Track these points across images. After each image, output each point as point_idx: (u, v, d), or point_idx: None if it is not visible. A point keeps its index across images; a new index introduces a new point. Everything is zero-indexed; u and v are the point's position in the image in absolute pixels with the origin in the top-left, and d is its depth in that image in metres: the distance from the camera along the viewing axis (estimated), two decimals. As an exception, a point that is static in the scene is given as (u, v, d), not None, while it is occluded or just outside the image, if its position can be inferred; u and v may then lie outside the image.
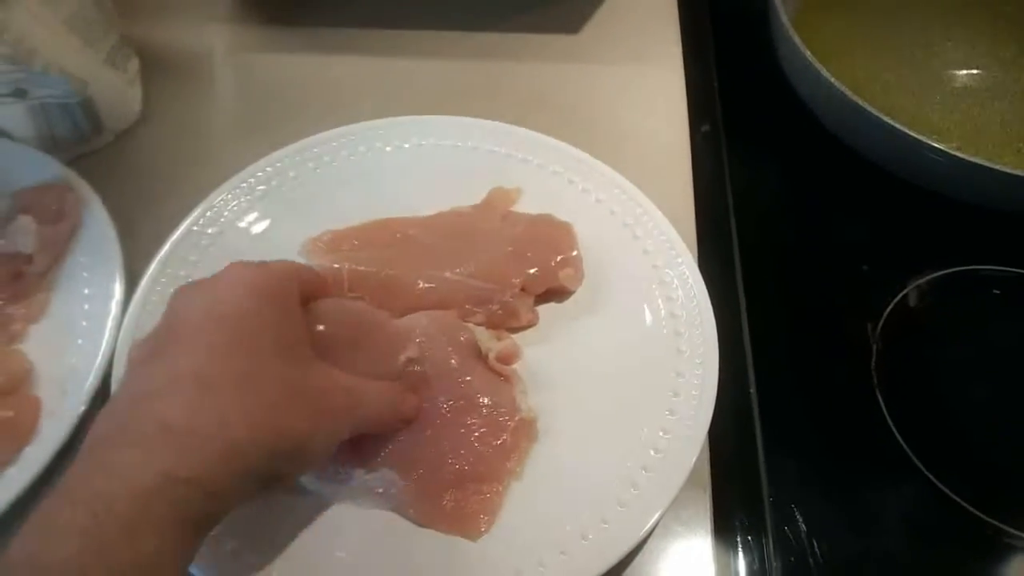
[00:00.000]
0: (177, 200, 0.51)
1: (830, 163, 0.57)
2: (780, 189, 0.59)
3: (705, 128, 0.61)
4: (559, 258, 0.48)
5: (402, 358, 0.42)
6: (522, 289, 0.46)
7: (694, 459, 0.41)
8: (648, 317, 0.46)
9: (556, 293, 0.47)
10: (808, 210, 0.58)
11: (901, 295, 0.51)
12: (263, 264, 0.38)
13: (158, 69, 0.61)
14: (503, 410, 0.42)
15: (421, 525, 0.39)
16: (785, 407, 0.47)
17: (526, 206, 0.51)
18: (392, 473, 0.40)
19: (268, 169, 0.52)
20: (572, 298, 0.48)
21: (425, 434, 0.41)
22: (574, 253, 0.48)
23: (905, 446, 0.45)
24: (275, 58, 0.64)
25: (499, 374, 0.43)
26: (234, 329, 0.34)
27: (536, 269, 0.47)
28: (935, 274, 0.52)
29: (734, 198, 0.56)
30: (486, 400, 0.42)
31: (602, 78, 0.63)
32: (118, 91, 0.57)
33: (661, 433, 0.41)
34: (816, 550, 0.42)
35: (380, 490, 0.40)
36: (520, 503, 0.40)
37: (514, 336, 0.46)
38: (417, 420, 0.41)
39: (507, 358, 0.43)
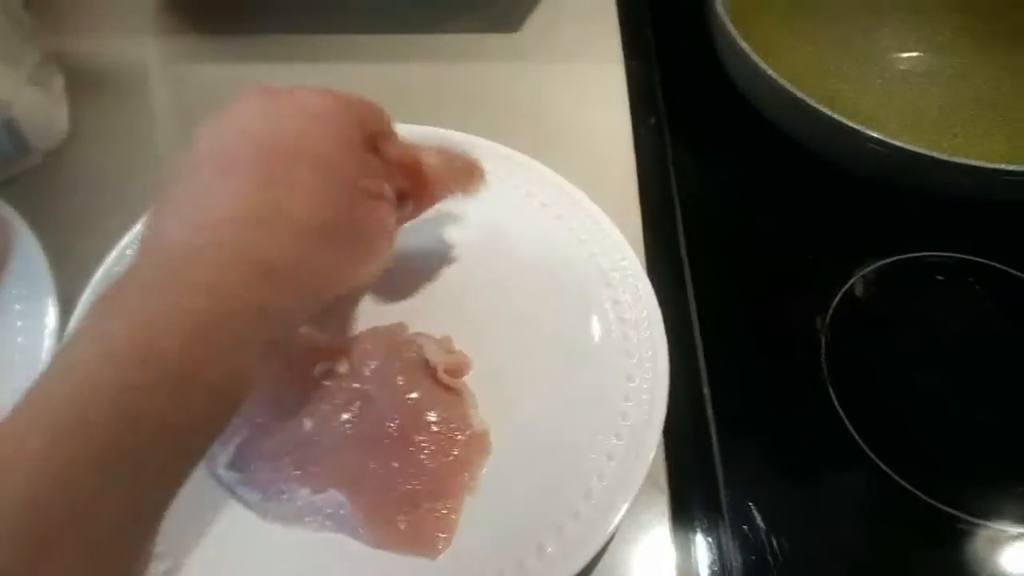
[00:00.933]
0: (112, 220, 0.49)
1: (773, 155, 0.57)
2: (725, 183, 0.59)
3: (648, 123, 0.61)
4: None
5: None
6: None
7: (648, 463, 0.40)
8: (596, 322, 0.46)
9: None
10: (753, 203, 0.58)
11: (847, 285, 0.51)
12: (340, 97, 0.38)
13: (85, 85, 0.60)
14: (454, 425, 0.41)
15: (376, 547, 0.39)
16: (738, 403, 0.47)
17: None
18: (339, 495, 0.39)
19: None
20: (519, 305, 0.47)
21: (373, 454, 0.40)
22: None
23: (857, 437, 0.45)
24: (207, 68, 0.63)
25: (448, 388, 0.42)
26: (325, 173, 0.35)
27: None
28: (880, 263, 0.52)
29: (679, 193, 0.56)
30: (435, 416, 0.41)
31: (543, 76, 0.63)
32: (43, 110, 0.55)
33: (614, 439, 0.41)
34: (775, 546, 0.42)
35: (329, 511, 0.39)
36: (476, 518, 0.39)
37: (462, 348, 0.45)
38: (363, 441, 0.41)
39: (456, 371, 0.43)
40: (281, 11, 0.66)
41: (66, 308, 0.45)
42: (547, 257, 0.48)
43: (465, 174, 0.44)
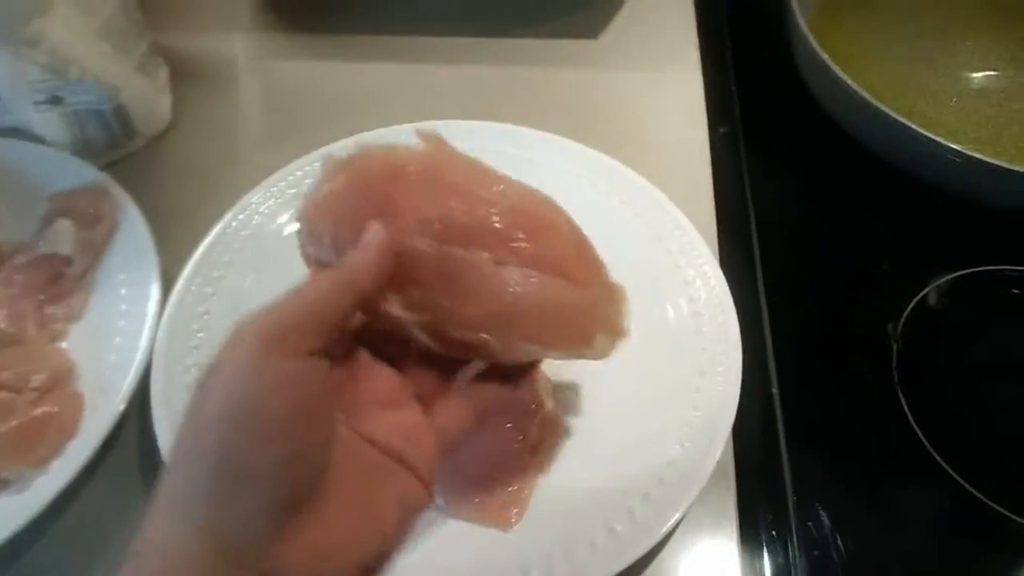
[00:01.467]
0: (208, 203, 0.52)
1: (848, 164, 0.58)
2: (799, 190, 0.60)
3: (724, 130, 0.62)
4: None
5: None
6: None
7: (718, 455, 0.41)
8: (671, 316, 0.47)
9: None
10: (827, 211, 0.58)
11: (921, 295, 0.51)
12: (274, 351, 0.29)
13: (187, 77, 0.63)
14: (529, 408, 0.42)
15: (451, 516, 0.40)
16: (807, 405, 0.47)
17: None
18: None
19: (298, 172, 0.53)
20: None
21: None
22: None
23: (927, 443, 0.45)
24: (299, 65, 0.66)
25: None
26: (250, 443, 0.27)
27: None
28: (954, 274, 0.52)
29: (754, 199, 0.57)
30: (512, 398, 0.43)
31: (621, 82, 0.65)
32: (149, 97, 0.58)
33: (686, 429, 0.42)
34: (840, 546, 0.42)
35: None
36: (548, 496, 0.41)
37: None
38: None
39: (535, 359, 0.44)
40: (368, 13, 0.69)
41: (166, 282, 0.48)
42: (624, 251, 0.49)
43: None
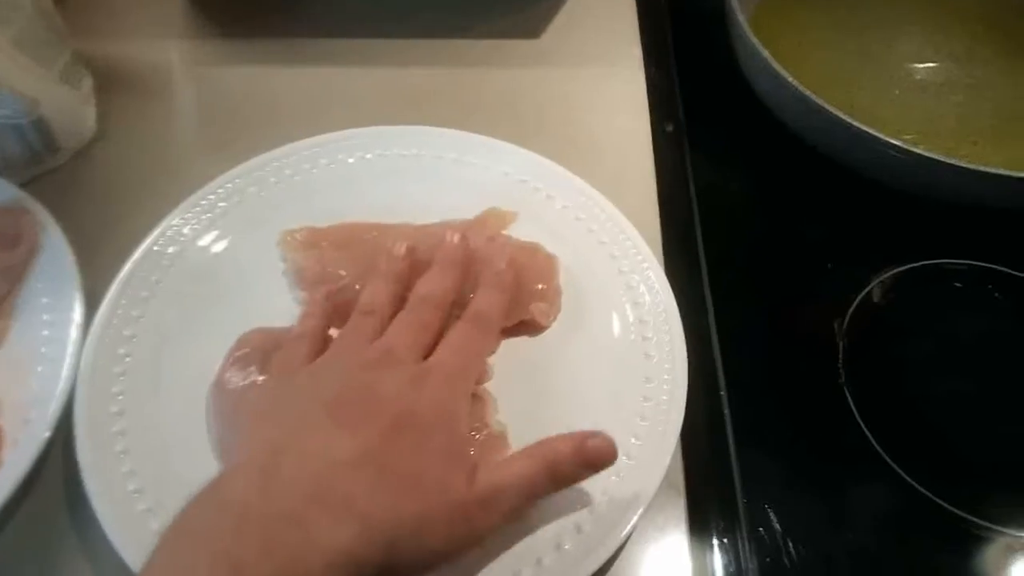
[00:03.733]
0: (137, 219, 0.50)
1: (792, 161, 0.58)
2: (743, 189, 0.60)
3: (667, 129, 0.61)
4: (535, 289, 0.47)
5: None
6: None
7: (666, 463, 0.41)
8: (616, 323, 0.46)
9: (528, 326, 0.46)
10: (772, 209, 0.58)
11: (865, 291, 0.51)
12: (457, 380, 0.39)
13: (113, 86, 0.60)
14: (472, 426, 0.41)
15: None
16: (756, 407, 0.47)
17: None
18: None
19: (228, 186, 0.51)
20: (540, 306, 0.48)
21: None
22: (551, 287, 0.47)
23: (874, 442, 0.45)
24: (233, 71, 0.64)
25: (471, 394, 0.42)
26: (420, 438, 0.35)
27: None
28: (897, 269, 0.52)
29: (698, 199, 0.57)
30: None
31: (564, 82, 0.64)
32: (72, 109, 0.56)
33: (632, 439, 0.41)
34: (791, 549, 0.42)
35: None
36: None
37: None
38: None
39: (480, 378, 0.43)
40: (304, 15, 0.67)
41: (91, 303, 0.46)
42: (567, 258, 0.49)
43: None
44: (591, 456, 0.37)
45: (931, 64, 0.65)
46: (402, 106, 0.60)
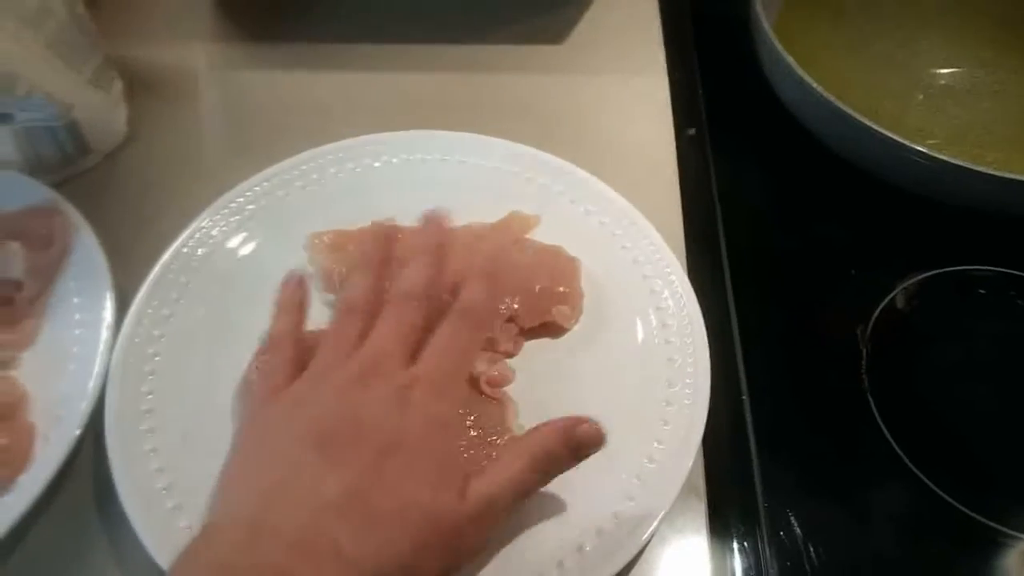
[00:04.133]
0: (166, 220, 0.51)
1: (815, 167, 0.58)
2: (767, 194, 0.60)
3: (690, 134, 0.62)
4: (557, 291, 0.47)
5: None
6: (511, 319, 0.46)
7: (688, 468, 0.41)
8: (639, 328, 0.47)
9: (550, 329, 0.47)
10: (795, 215, 0.58)
11: (889, 298, 0.51)
12: (448, 384, 0.38)
13: (143, 90, 0.61)
14: (492, 431, 0.42)
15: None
16: (778, 412, 0.47)
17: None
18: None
19: (256, 188, 0.52)
20: (563, 310, 0.48)
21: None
22: (573, 290, 0.48)
23: (897, 448, 0.45)
24: (260, 75, 0.64)
25: (490, 398, 0.43)
26: (407, 463, 0.34)
27: (528, 301, 0.46)
28: (921, 276, 0.52)
29: (721, 204, 0.57)
30: (473, 420, 0.42)
31: (587, 87, 0.64)
32: (103, 112, 0.57)
33: (655, 444, 0.42)
34: (812, 554, 0.42)
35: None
36: (515, 519, 0.40)
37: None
38: None
39: (497, 382, 0.43)
40: (329, 20, 0.68)
41: (122, 303, 0.47)
42: (591, 263, 0.49)
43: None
44: (580, 444, 0.37)
45: (956, 69, 0.65)
46: (426, 111, 0.60)
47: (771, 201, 0.59)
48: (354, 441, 0.34)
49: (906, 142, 0.50)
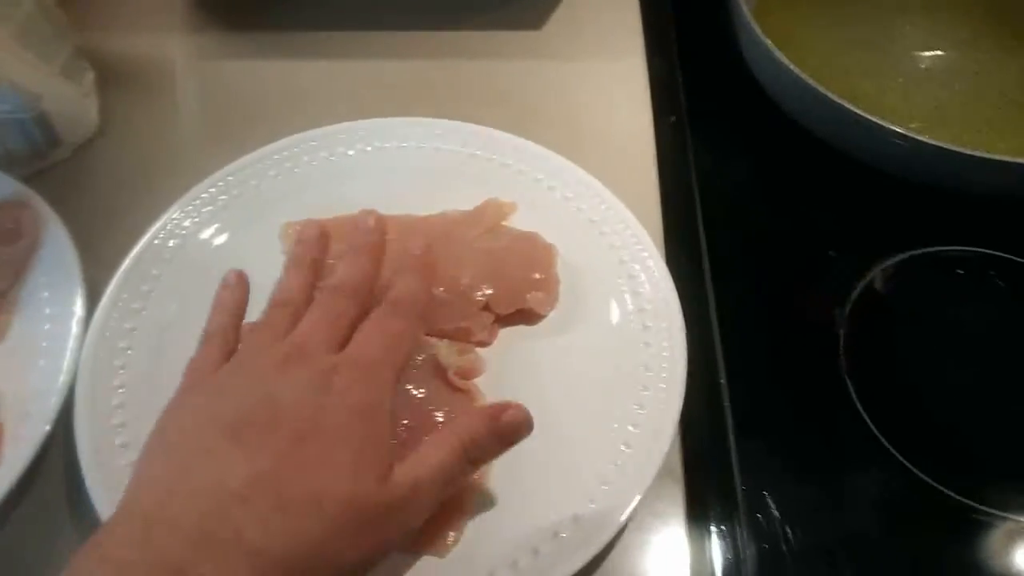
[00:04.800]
0: (138, 213, 0.50)
1: (795, 150, 0.57)
2: (746, 178, 0.59)
3: (670, 120, 0.61)
4: (532, 278, 0.47)
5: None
6: (486, 307, 0.46)
7: (664, 451, 0.41)
8: (616, 313, 0.46)
9: (526, 316, 0.46)
10: (774, 198, 0.58)
11: (867, 279, 0.51)
12: (374, 370, 0.36)
13: (115, 81, 0.61)
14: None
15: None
16: (756, 395, 0.47)
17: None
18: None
19: (229, 179, 0.51)
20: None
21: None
22: (549, 276, 0.47)
23: (874, 429, 0.45)
24: (234, 65, 0.64)
25: (459, 389, 0.42)
26: (324, 449, 0.33)
27: (503, 288, 0.46)
28: (899, 257, 0.52)
29: (700, 188, 0.56)
30: (443, 416, 0.41)
31: (565, 73, 0.63)
32: (74, 104, 0.56)
33: (631, 427, 0.41)
34: (789, 536, 0.42)
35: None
36: (487, 513, 0.40)
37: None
38: None
39: (467, 373, 0.43)
40: (303, 8, 0.67)
41: (92, 297, 0.46)
42: (568, 249, 0.49)
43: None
44: (506, 431, 0.37)
45: (936, 52, 0.64)
46: (403, 98, 0.60)
47: (750, 185, 0.59)
48: (270, 427, 0.33)
49: (885, 124, 0.50)
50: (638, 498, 0.39)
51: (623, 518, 0.38)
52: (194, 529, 0.30)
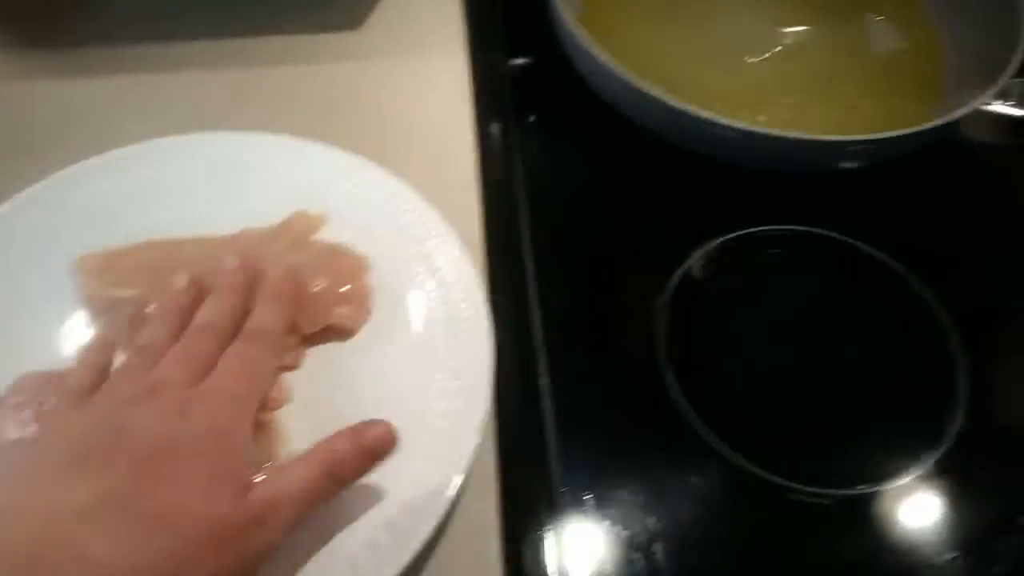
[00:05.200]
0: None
1: (618, 141, 0.58)
2: (571, 171, 0.59)
3: (494, 114, 0.60)
4: (337, 292, 0.45)
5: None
6: (291, 328, 0.43)
7: (470, 451, 0.39)
8: (424, 320, 0.45)
9: (336, 332, 0.45)
10: (599, 191, 0.58)
11: (684, 266, 0.51)
12: (230, 398, 0.37)
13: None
14: (259, 462, 0.39)
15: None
16: (576, 394, 0.46)
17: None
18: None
19: (10, 208, 0.48)
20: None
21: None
22: (356, 289, 0.46)
23: (694, 419, 0.45)
24: (30, 86, 0.59)
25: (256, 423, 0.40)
26: (175, 471, 0.33)
27: (307, 305, 0.44)
28: (716, 241, 0.52)
29: (525, 181, 0.56)
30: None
31: (386, 74, 0.61)
32: None
33: (439, 425, 0.40)
34: (613, 537, 0.42)
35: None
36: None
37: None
38: None
39: (265, 405, 0.41)
40: (100, 22, 0.63)
41: None
42: (381, 259, 0.47)
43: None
44: (371, 448, 0.37)
45: (761, 32, 0.65)
46: (211, 112, 0.57)
47: (575, 178, 0.59)
48: (116, 450, 0.33)
49: (691, 110, 0.50)
50: (438, 519, 0.37)
51: (424, 538, 0.37)
52: (32, 548, 0.29)
